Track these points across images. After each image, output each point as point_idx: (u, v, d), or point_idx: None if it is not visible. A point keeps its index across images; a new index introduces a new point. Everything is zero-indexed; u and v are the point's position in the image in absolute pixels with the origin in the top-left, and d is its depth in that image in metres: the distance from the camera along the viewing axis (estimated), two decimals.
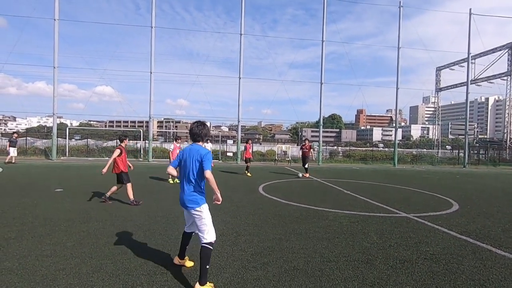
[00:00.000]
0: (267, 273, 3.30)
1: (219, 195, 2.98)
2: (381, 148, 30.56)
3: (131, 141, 24.88)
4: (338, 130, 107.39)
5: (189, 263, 3.43)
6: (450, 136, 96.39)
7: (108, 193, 6.67)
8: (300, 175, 12.78)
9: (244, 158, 13.84)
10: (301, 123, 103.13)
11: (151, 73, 19.73)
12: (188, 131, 3.60)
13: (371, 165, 23.34)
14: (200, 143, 3.17)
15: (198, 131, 3.12)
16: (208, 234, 3.01)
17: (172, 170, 3.26)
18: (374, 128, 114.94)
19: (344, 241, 4.46)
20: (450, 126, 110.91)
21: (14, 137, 16.24)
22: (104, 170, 6.20)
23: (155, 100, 19.25)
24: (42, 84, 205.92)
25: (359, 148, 31.12)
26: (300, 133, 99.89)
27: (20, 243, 4.01)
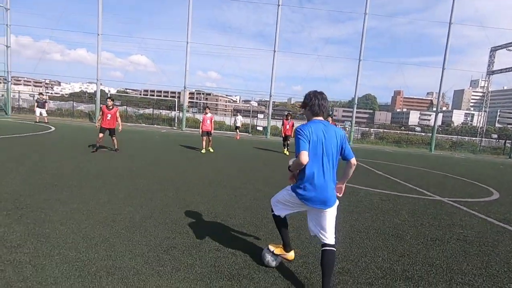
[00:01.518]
0: (299, 235, 3.52)
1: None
2: (417, 132, 29.07)
3: (166, 111, 25.88)
4: (371, 111, 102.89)
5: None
6: (497, 125, 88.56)
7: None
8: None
9: (283, 135, 12.24)
10: (333, 101, 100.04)
11: (187, 43, 19.95)
12: (224, 103, 3.73)
13: (405, 149, 22.47)
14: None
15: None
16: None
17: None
18: (412, 111, 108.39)
19: (375, 216, 4.54)
20: (498, 114, 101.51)
21: (40, 98, 16.45)
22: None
23: (184, 71, 19.60)
24: (83, 51, 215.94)
25: (393, 131, 29.84)
26: (331, 112, 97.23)
27: (80, 190, 4.57)
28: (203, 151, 10.11)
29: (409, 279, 2.72)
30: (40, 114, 15.95)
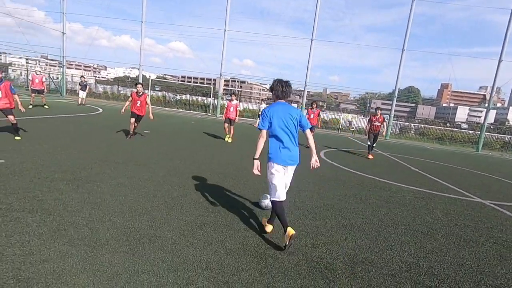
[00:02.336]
0: (326, 224, 3.61)
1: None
2: (464, 130, 26.92)
3: (201, 97, 26.69)
4: (413, 104, 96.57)
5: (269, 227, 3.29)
6: None
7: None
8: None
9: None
10: (371, 93, 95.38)
11: (225, 30, 20.18)
12: (250, 91, 3.85)
13: (448, 147, 21.01)
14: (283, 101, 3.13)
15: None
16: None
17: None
18: (460, 106, 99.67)
19: (405, 212, 4.46)
20: None
21: (82, 81, 16.93)
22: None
23: (221, 58, 19.86)
24: (127, 37, 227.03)
25: (436, 127, 27.92)
26: (368, 104, 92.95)
27: (126, 167, 5.04)
28: (227, 138, 9.77)
29: (434, 275, 2.71)
30: (82, 96, 16.54)
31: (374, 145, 9.94)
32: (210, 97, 24.82)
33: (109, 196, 3.63)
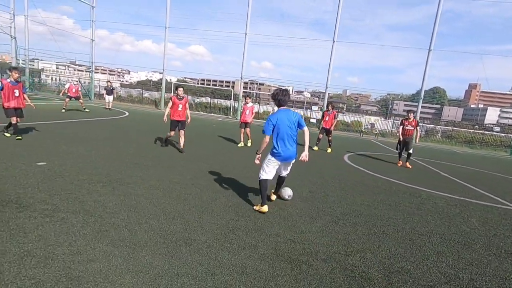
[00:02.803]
0: (357, 231, 3.56)
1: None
2: (496, 133, 25.53)
3: (221, 100, 27.04)
4: (439, 106, 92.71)
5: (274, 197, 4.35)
6: None
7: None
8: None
9: (323, 127, 10.27)
10: (393, 94, 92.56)
11: (246, 34, 20.37)
12: (270, 93, 4.13)
13: (478, 150, 19.99)
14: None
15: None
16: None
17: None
18: (490, 107, 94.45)
19: (439, 220, 4.30)
20: None
21: (108, 86, 17.18)
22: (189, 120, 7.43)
23: (240, 62, 20.00)
24: (149, 42, 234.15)
25: (464, 129, 26.66)
26: (390, 106, 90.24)
27: (155, 170, 5.21)
28: (240, 144, 9.23)
29: None
30: (108, 100, 16.82)
31: (411, 151, 8.93)
32: (230, 99, 25.09)
33: (143, 199, 3.77)
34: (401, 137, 8.94)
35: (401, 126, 8.98)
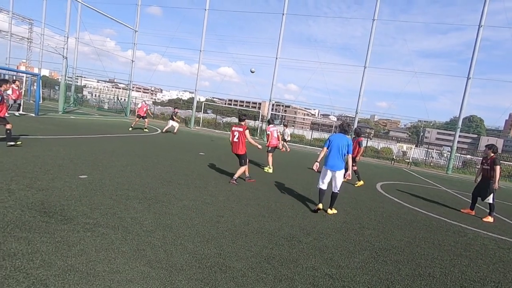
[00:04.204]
0: (399, 270, 3.29)
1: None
2: None
3: (248, 120, 27.50)
4: (476, 135, 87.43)
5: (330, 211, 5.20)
6: None
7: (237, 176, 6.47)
8: None
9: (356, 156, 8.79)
10: (424, 121, 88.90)
11: (276, 58, 20.87)
12: (294, 116, 4.35)
13: None
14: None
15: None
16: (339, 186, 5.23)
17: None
18: None
19: (491, 265, 3.88)
20: None
21: (174, 112, 17.47)
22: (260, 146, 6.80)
23: (267, 83, 20.26)
24: (181, 63, 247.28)
25: (507, 163, 24.69)
26: (422, 133, 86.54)
27: (188, 189, 5.26)
28: (271, 170, 8.51)
29: None
30: (172, 124, 16.48)
31: (490, 200, 6.54)
32: (258, 120, 25.38)
33: (178, 219, 3.78)
34: (476, 178, 7.12)
35: (481, 166, 7.05)
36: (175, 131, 16.35)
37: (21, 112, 13.49)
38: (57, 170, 5.17)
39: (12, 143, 6.52)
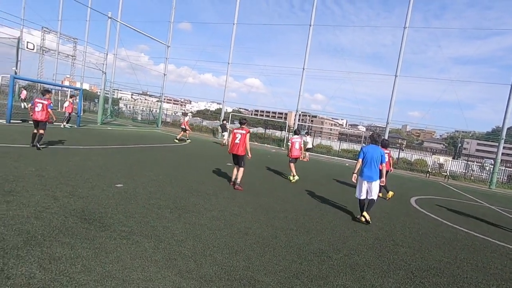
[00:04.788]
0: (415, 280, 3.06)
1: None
2: None
3: (274, 130, 27.50)
4: None
5: (366, 215, 5.30)
6: None
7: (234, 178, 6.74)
8: None
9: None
10: (462, 132, 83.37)
11: (303, 69, 20.87)
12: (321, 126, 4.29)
13: None
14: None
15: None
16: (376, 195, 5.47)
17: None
18: None
19: None
20: None
21: (224, 124, 18.42)
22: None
23: (294, 94, 20.18)
24: (209, 75, 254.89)
25: None
26: (460, 145, 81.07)
27: (216, 199, 5.35)
28: (296, 177, 8.60)
29: None
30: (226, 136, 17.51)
31: None
32: (284, 131, 25.32)
33: (207, 229, 3.85)
34: None
35: None
36: (224, 142, 16.93)
37: (70, 124, 14.56)
38: (96, 178, 5.50)
39: (44, 146, 7.96)
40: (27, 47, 17.99)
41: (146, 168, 7.18)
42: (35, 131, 7.75)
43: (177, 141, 15.24)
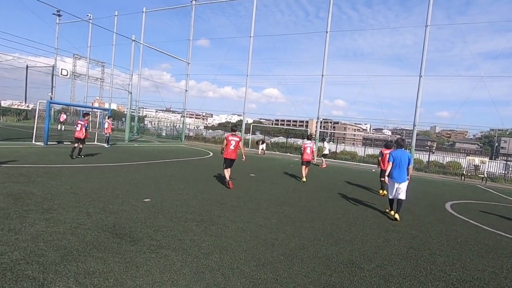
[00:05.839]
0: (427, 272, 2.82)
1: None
2: None
3: (295, 139, 27.26)
4: None
5: (397, 215, 5.84)
6: None
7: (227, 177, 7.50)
8: None
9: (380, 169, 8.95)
10: (498, 130, 78.08)
11: (322, 76, 20.72)
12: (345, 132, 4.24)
13: None
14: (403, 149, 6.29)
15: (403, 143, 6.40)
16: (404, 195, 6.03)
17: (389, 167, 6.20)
18: None
19: None
20: None
21: (262, 139, 22.33)
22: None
23: (314, 101, 20.05)
24: (229, 88, 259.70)
25: None
26: (496, 144, 75.77)
27: (241, 211, 5.34)
28: (303, 180, 9.66)
29: None
30: (262, 148, 21.04)
31: None
32: (306, 139, 25.02)
33: (233, 241, 3.84)
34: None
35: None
36: (263, 153, 20.07)
37: (109, 144, 15.01)
38: (125, 194, 5.71)
39: (80, 156, 10.02)
40: (61, 74, 19.40)
41: (172, 182, 7.36)
42: (75, 145, 10.02)
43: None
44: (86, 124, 10.31)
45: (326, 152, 16.31)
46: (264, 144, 21.43)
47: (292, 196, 7.18)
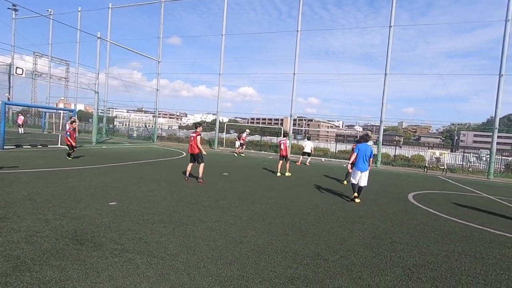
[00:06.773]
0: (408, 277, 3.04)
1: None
2: None
3: (271, 137, 27.54)
4: None
5: (357, 199, 6.98)
6: None
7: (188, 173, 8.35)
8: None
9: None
10: (458, 124, 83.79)
11: (294, 74, 21.06)
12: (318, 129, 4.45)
13: None
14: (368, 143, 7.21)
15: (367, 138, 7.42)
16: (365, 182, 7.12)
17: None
18: None
19: None
20: None
21: (246, 135, 20.16)
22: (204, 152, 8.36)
23: (288, 99, 20.42)
24: (203, 87, 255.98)
25: None
26: (456, 137, 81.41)
27: (212, 210, 5.32)
28: (278, 174, 10.98)
29: None
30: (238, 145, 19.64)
31: None
32: (281, 136, 25.34)
33: (201, 241, 3.82)
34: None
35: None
36: (239, 151, 19.27)
37: (70, 157, 14.39)
38: (90, 198, 5.47)
39: (70, 158, 10.77)
40: (15, 73, 18.08)
41: (141, 184, 7.16)
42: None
43: (236, 154, 18.56)
44: (69, 133, 11.00)
45: (306, 150, 16.08)
46: (240, 141, 19.22)
47: (265, 194, 7.26)
